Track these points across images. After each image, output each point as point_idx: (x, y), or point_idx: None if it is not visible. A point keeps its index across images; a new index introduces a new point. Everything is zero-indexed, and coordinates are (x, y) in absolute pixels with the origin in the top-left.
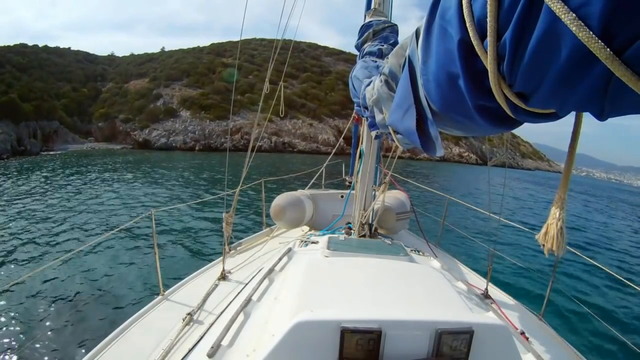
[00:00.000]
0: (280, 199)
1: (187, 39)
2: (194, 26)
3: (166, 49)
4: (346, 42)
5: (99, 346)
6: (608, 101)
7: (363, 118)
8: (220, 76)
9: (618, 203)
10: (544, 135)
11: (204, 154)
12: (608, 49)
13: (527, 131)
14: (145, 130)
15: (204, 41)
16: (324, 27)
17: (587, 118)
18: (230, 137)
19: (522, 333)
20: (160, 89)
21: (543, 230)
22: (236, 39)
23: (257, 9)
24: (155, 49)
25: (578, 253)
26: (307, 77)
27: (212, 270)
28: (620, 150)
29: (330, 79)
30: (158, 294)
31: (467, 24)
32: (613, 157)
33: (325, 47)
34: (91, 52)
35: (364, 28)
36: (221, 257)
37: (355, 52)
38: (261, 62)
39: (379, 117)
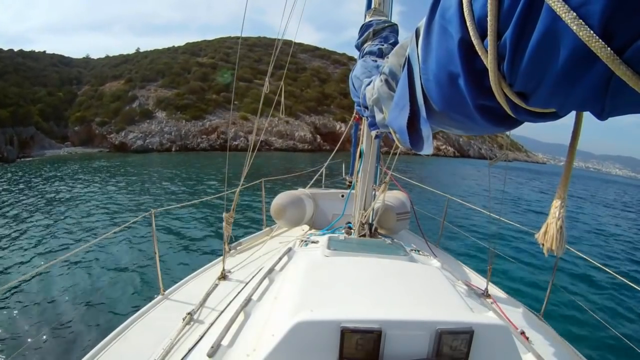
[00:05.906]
0: (281, 198)
1: (163, 38)
2: (170, 26)
3: (142, 49)
4: (323, 39)
5: (99, 346)
6: (608, 100)
7: (363, 118)
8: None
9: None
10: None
11: (182, 154)
12: (608, 48)
13: None
14: (122, 133)
15: (180, 40)
16: (301, 23)
17: (587, 116)
18: (207, 136)
19: (522, 333)
20: (135, 91)
21: (542, 229)
22: (211, 37)
23: (233, 6)
24: (131, 49)
25: (578, 252)
26: (283, 74)
27: (212, 270)
28: (596, 139)
29: (306, 76)
30: (158, 294)
31: (468, 23)
32: (590, 146)
33: (300, 44)
34: (66, 54)
35: (364, 28)
36: (221, 257)
37: (331, 49)
38: (236, 61)
39: (379, 117)
